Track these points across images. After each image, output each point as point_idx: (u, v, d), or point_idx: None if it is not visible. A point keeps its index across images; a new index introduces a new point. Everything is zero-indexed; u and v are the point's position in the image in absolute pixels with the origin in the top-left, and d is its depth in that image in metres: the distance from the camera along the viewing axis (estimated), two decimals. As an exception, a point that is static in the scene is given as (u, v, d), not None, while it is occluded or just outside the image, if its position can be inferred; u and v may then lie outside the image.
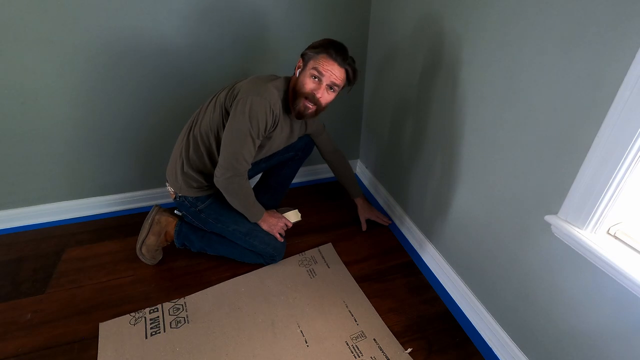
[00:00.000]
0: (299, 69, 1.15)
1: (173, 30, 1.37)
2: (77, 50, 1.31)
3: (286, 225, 1.40)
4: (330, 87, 1.14)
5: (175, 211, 1.42)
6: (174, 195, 1.32)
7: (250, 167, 1.21)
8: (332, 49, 1.10)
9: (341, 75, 1.13)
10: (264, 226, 1.35)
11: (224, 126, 1.17)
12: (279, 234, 1.38)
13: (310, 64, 1.12)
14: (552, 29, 0.77)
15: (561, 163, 0.81)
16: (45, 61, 1.30)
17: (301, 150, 1.50)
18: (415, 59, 1.32)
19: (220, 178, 1.19)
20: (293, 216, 1.45)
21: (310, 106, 1.15)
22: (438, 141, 1.25)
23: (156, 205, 1.39)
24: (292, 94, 1.17)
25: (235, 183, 1.20)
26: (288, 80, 1.21)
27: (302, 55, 1.15)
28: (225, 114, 1.17)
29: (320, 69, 1.10)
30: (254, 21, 1.46)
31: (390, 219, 1.67)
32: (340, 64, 1.11)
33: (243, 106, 1.10)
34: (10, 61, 1.27)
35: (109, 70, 1.38)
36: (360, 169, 2.04)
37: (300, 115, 1.18)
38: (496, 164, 1.01)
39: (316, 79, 1.12)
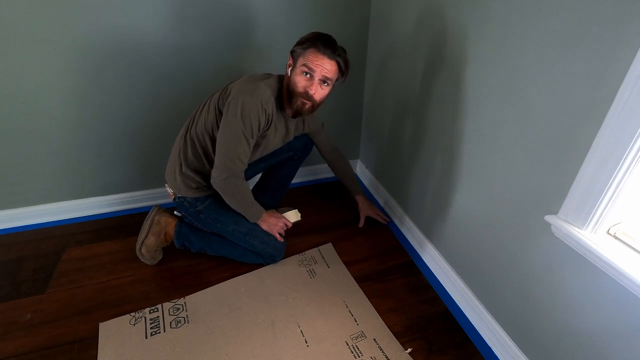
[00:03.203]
0: (290, 67, 1.14)
1: (173, 30, 1.37)
2: (76, 50, 1.31)
3: (286, 225, 1.40)
4: (323, 81, 1.12)
5: (175, 212, 1.42)
6: (173, 196, 1.32)
7: (246, 167, 1.21)
8: (320, 42, 1.07)
9: (332, 68, 1.10)
10: (264, 226, 1.35)
11: (218, 127, 1.16)
12: (279, 233, 1.38)
13: (300, 60, 1.10)
14: (552, 29, 0.77)
15: (561, 163, 0.81)
16: (45, 61, 1.30)
17: (300, 150, 1.50)
18: (415, 59, 1.32)
19: (216, 179, 1.19)
20: (293, 216, 1.45)
21: (307, 103, 1.14)
22: (438, 141, 1.25)
23: (156, 206, 1.39)
24: (286, 93, 1.16)
25: (232, 184, 1.20)
26: (281, 78, 1.20)
27: (291, 53, 1.13)
28: (219, 114, 1.17)
29: (310, 64, 1.08)
30: (254, 21, 1.46)
31: (389, 217, 1.67)
32: (330, 57, 1.08)
33: (235, 107, 1.10)
34: (10, 61, 1.27)
35: (108, 70, 1.38)
36: (360, 169, 2.04)
37: (298, 113, 1.18)
38: (496, 164, 1.01)
39: (307, 75, 1.10)
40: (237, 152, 1.15)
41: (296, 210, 1.47)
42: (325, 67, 1.09)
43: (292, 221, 1.43)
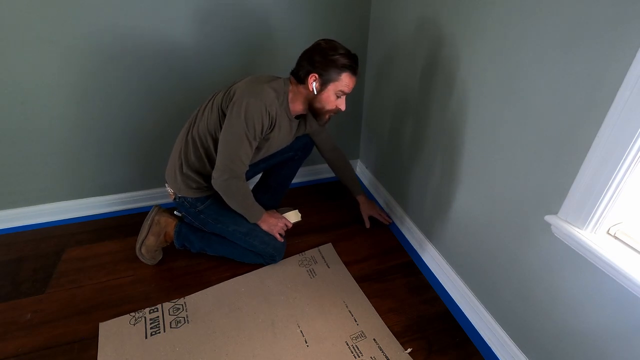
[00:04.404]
0: (316, 84, 1.13)
1: (173, 29, 1.37)
2: (76, 51, 1.31)
3: (286, 226, 1.40)
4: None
5: (175, 212, 1.42)
6: (174, 196, 1.32)
7: (247, 168, 1.21)
8: (355, 66, 1.13)
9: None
10: (264, 226, 1.34)
11: (221, 127, 1.16)
12: (279, 234, 1.38)
13: (336, 85, 1.13)
14: (552, 29, 0.77)
15: (561, 163, 0.81)
16: (45, 61, 1.30)
17: (300, 150, 1.50)
18: (415, 59, 1.32)
19: (217, 180, 1.19)
20: (293, 216, 1.45)
21: (333, 114, 1.24)
22: (438, 141, 1.25)
23: (156, 206, 1.39)
24: (313, 109, 1.20)
25: (233, 185, 1.20)
26: (287, 82, 1.20)
27: (318, 72, 1.11)
28: (222, 115, 1.17)
29: (347, 90, 1.16)
30: (254, 21, 1.46)
31: (390, 218, 1.67)
32: (357, 76, 1.16)
33: (239, 108, 1.10)
34: (10, 61, 1.27)
35: (108, 70, 1.38)
36: (360, 169, 2.04)
37: (324, 123, 1.29)
38: (496, 164, 1.01)
39: (340, 95, 1.17)
40: (239, 154, 1.15)
41: (296, 210, 1.47)
42: (353, 86, 1.17)
43: (292, 221, 1.43)
